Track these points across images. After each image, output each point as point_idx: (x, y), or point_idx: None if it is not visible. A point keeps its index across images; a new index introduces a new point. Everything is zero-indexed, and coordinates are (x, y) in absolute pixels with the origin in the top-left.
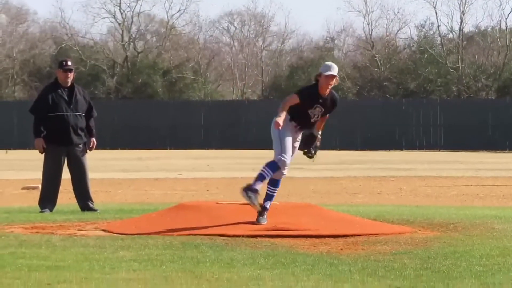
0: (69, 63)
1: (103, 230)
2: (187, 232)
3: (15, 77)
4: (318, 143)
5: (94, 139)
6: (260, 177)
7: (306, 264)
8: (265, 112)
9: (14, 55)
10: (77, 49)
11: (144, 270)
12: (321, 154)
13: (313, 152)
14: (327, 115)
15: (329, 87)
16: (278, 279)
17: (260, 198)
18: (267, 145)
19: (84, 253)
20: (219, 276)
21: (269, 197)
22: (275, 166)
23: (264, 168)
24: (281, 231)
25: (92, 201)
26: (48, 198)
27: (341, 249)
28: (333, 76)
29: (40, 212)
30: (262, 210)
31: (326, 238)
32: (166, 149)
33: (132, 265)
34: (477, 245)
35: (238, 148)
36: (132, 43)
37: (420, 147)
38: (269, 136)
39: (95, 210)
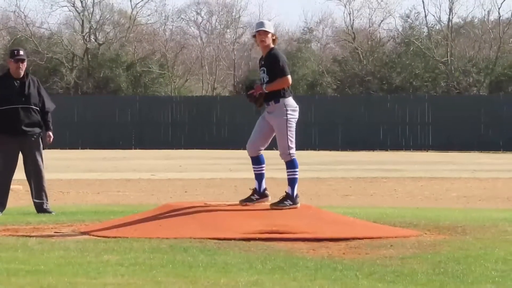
0: (21, 52)
1: (82, 233)
2: (175, 234)
3: None
4: (256, 93)
5: (50, 133)
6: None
7: (308, 268)
8: (238, 109)
9: None
10: (33, 40)
11: (132, 275)
12: (301, 154)
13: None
14: (278, 75)
15: (261, 43)
16: (279, 284)
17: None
18: (240, 144)
19: (65, 256)
20: (215, 281)
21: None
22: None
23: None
24: (277, 234)
25: (47, 201)
26: None
27: (344, 253)
28: (259, 33)
29: None
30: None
31: (326, 241)
32: (131, 148)
33: (118, 270)
34: (490, 248)
35: (209, 148)
36: (92, 34)
37: (407, 147)
38: (243, 135)
39: (50, 212)
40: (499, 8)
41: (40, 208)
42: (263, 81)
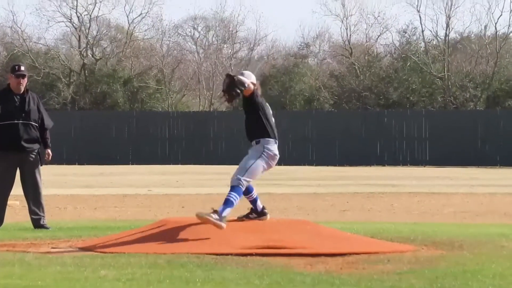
0: (22, 68)
1: (79, 248)
2: (172, 250)
3: None
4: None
5: (49, 151)
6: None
7: (305, 284)
8: (235, 124)
9: None
10: (30, 56)
11: None
12: (298, 170)
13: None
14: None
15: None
16: None
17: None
18: (237, 160)
19: (62, 272)
20: None
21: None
22: None
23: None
24: (274, 249)
25: (44, 217)
26: None
27: (341, 268)
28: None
29: None
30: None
31: (324, 256)
32: (128, 164)
33: (116, 285)
34: (488, 264)
35: (206, 163)
36: (89, 50)
37: (404, 162)
38: (240, 150)
39: (47, 228)
40: (495, 23)
41: (37, 224)
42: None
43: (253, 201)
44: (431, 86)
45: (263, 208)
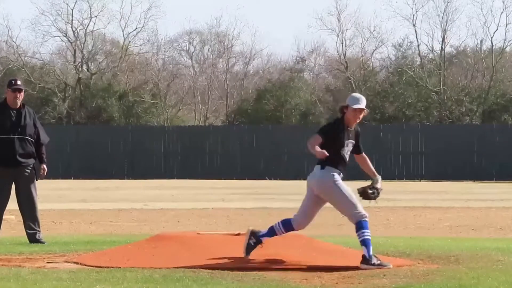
0: (19, 82)
1: (75, 263)
2: (168, 264)
3: None
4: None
5: (45, 166)
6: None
7: None
8: (231, 139)
9: None
10: (25, 70)
11: None
12: (294, 184)
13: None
14: (361, 151)
15: (357, 121)
16: None
17: None
18: (233, 174)
19: (57, 286)
20: None
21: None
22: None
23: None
24: (270, 263)
25: (40, 231)
26: None
27: (337, 283)
28: (361, 110)
29: None
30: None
31: (319, 271)
32: (124, 178)
33: None
34: (483, 278)
35: (202, 177)
36: (85, 64)
37: (400, 177)
38: (235, 165)
39: (42, 242)
40: (491, 37)
41: (33, 238)
42: (346, 155)
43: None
44: (426, 100)
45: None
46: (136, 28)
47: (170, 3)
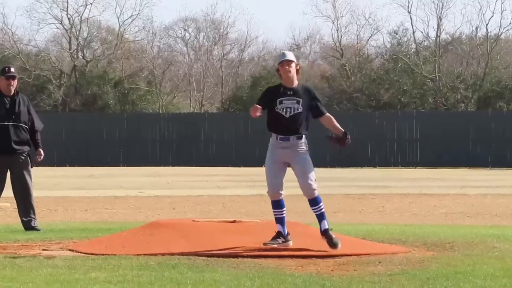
0: (12, 69)
1: (70, 250)
2: (163, 251)
3: None
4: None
5: (41, 150)
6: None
7: (296, 285)
8: (226, 126)
9: None
10: (20, 58)
11: None
12: (288, 171)
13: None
14: (323, 112)
15: (289, 74)
16: None
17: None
18: (228, 162)
19: (53, 274)
20: None
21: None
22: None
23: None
24: (265, 251)
25: (35, 218)
26: None
27: (332, 270)
28: (288, 62)
29: None
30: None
31: (314, 258)
32: (119, 165)
33: (106, 287)
34: (479, 265)
35: (197, 165)
36: (80, 51)
37: (395, 164)
38: (231, 152)
39: (38, 230)
40: (487, 25)
41: (28, 226)
42: (293, 111)
43: (282, 220)
44: (422, 88)
45: (288, 233)
46: (132, 15)
47: None
